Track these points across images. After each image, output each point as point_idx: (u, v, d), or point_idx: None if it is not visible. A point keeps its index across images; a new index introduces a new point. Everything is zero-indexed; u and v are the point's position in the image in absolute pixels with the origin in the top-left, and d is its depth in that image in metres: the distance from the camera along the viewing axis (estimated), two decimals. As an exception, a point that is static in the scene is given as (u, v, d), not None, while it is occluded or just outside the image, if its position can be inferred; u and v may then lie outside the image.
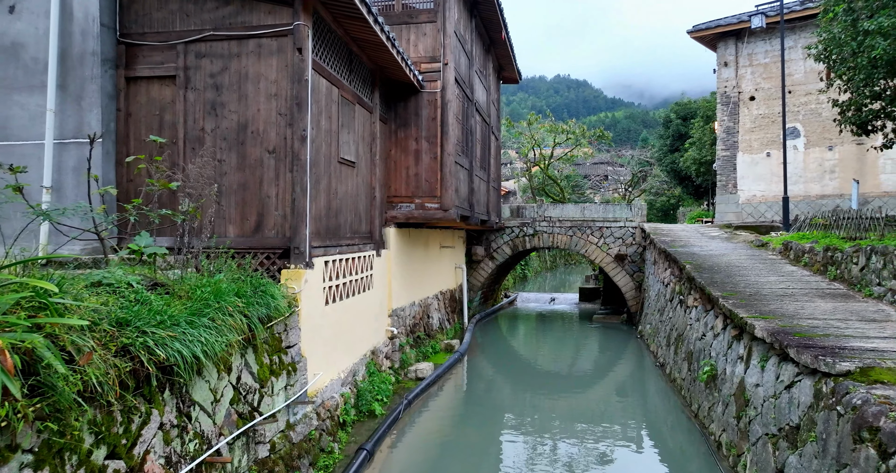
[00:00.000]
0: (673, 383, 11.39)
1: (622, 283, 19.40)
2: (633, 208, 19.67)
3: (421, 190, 12.01)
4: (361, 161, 10.36)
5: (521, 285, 34.66)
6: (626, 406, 11.38)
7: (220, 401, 5.35)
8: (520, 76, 20.80)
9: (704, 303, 10.24)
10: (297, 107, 7.55)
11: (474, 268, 20.57)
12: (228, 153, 7.73)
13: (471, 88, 14.49)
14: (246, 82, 7.73)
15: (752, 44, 19.78)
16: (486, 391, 12.32)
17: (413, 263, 13.51)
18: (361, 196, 10.38)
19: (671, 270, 13.85)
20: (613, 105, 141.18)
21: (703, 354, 9.61)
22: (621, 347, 16.81)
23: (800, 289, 9.14)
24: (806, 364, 5.67)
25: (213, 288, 5.47)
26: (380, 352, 11.08)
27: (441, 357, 13.81)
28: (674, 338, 12.24)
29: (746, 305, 8.20)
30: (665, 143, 36.88)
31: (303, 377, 7.29)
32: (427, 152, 11.96)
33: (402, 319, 12.50)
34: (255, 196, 7.68)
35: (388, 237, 11.82)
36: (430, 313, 14.81)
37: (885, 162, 17.64)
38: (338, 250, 8.88)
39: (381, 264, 11.35)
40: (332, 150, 8.85)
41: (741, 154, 20.06)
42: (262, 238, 7.64)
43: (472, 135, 14.68)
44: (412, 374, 11.83)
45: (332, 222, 8.87)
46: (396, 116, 12.12)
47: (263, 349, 6.27)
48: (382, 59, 10.26)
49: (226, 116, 7.75)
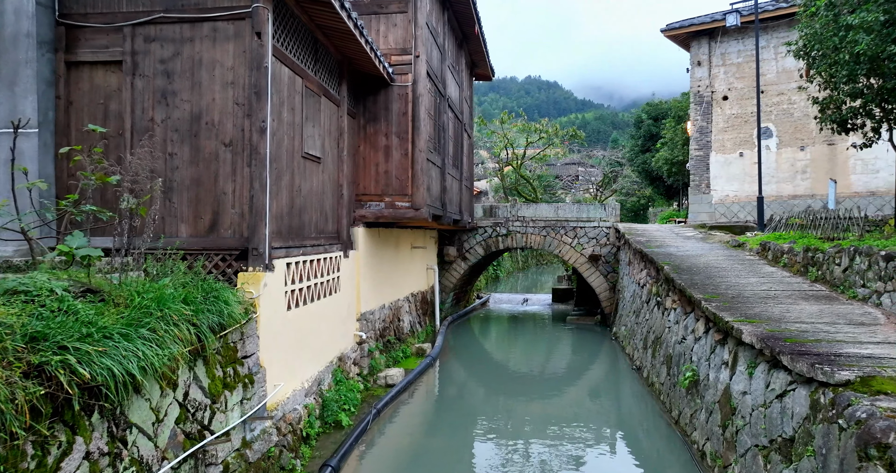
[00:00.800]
0: (651, 387, 11.08)
1: (596, 284, 19.14)
2: (608, 208, 19.43)
3: (391, 188, 11.48)
4: (328, 157, 9.80)
5: (494, 285, 34.32)
6: (602, 410, 11.04)
7: (163, 421, 4.77)
8: (493, 73, 20.41)
9: (684, 305, 9.94)
10: (255, 96, 6.97)
11: (447, 269, 20.10)
12: (181, 146, 7.11)
13: (443, 82, 14.02)
14: (200, 69, 7.12)
15: (726, 43, 19.72)
16: (459, 396, 11.86)
17: (383, 264, 12.97)
18: (328, 194, 9.82)
19: (647, 271, 13.58)
20: (583, 106, 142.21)
21: (684, 358, 9.29)
22: (596, 349, 16.53)
23: (782, 291, 8.88)
24: (801, 373, 5.33)
25: (156, 294, 4.88)
26: (347, 358, 10.52)
27: (412, 362, 13.31)
28: (651, 341, 11.94)
29: (730, 308, 7.88)
30: (637, 143, 36.97)
31: (261, 389, 6.72)
32: (398, 149, 11.44)
33: (371, 323, 11.95)
34: (210, 193, 7.08)
35: (356, 238, 11.27)
36: (400, 316, 14.29)
37: (855, 163, 17.70)
38: (301, 251, 8.31)
39: (349, 266, 10.80)
40: (296, 144, 8.28)
41: (714, 154, 19.98)
42: (217, 238, 7.04)
43: (445, 131, 14.21)
44: (382, 381, 11.30)
45: (296, 221, 8.30)
46: (365, 111, 11.58)
47: (215, 360, 5.69)
48: (350, 49, 9.72)
49: (178, 105, 7.12)
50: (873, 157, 17.17)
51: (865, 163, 17.42)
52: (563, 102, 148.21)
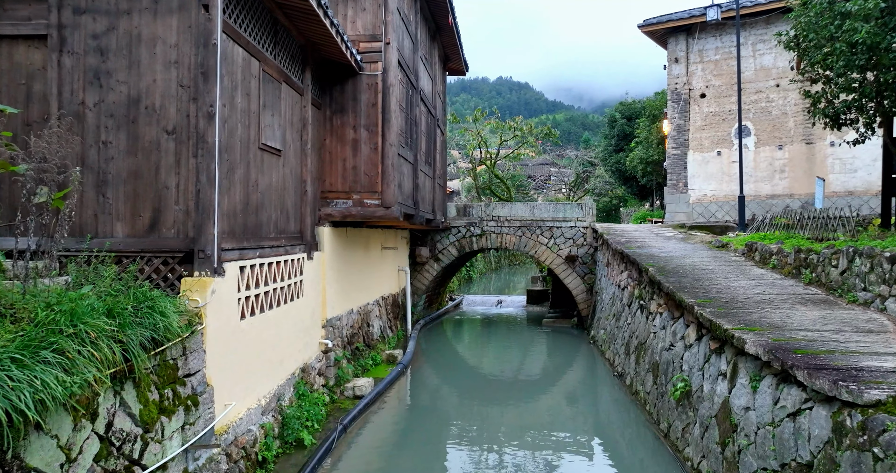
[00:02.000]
0: (635, 395, 10.49)
1: (573, 285, 18.59)
2: (584, 208, 18.90)
3: (359, 185, 10.69)
4: (290, 150, 8.97)
5: (467, 286, 33.66)
6: (583, 420, 10.42)
7: (76, 461, 3.94)
8: (466, 67, 19.73)
9: (672, 310, 9.36)
10: (202, 77, 6.13)
11: (418, 270, 19.35)
12: (116, 134, 6.23)
13: (415, 74, 13.27)
14: (139, 46, 6.25)
15: (703, 40, 19.37)
16: (431, 406, 11.12)
17: (351, 266, 12.16)
18: (290, 190, 8.99)
19: (629, 273, 13.03)
20: (554, 108, 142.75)
21: (673, 366, 8.71)
22: (573, 352, 15.98)
23: (776, 294, 8.36)
24: (820, 390, 4.73)
25: (70, 307, 4.04)
26: (312, 369, 9.70)
27: (382, 370, 12.52)
28: (634, 346, 11.37)
29: (726, 314, 7.30)
30: (610, 143, 36.70)
31: (208, 411, 5.89)
32: (366, 142, 10.65)
33: (338, 329, 11.14)
34: (151, 187, 6.22)
35: (321, 238, 10.44)
36: (370, 321, 13.49)
37: (833, 162, 17.47)
38: (258, 252, 7.48)
39: (314, 269, 9.97)
40: (252, 133, 7.44)
41: (692, 153, 19.61)
42: (158, 239, 6.18)
43: (417, 126, 13.46)
44: (349, 392, 10.50)
45: (252, 220, 7.46)
46: (332, 101, 10.76)
47: (149, 382, 4.85)
48: (314, 32, 8.91)
49: (113, 87, 6.24)
50: (851, 156, 16.95)
51: (843, 162, 17.21)
52: (534, 103, 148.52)
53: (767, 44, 18.18)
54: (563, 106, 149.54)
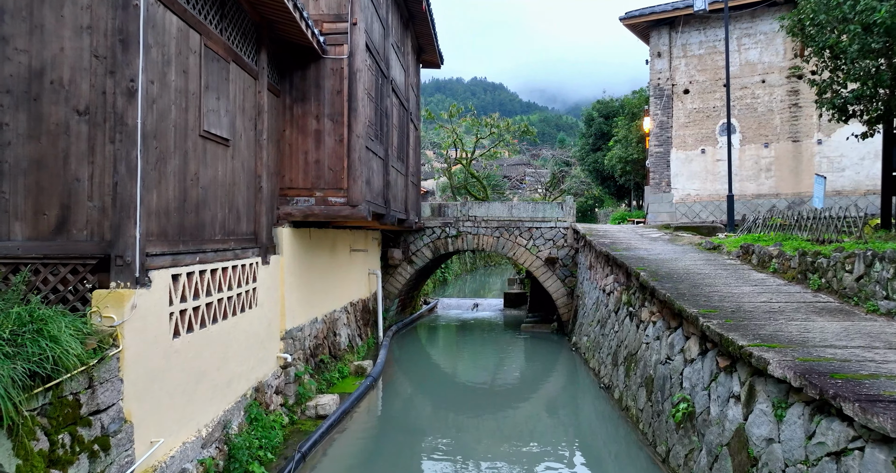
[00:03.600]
0: (625, 411, 9.62)
1: (553, 289, 17.74)
2: (565, 207, 18.06)
3: (323, 181, 9.63)
4: (241, 140, 7.88)
5: (442, 289, 32.68)
6: (567, 435, 9.52)
7: None
8: (442, 60, 18.75)
9: (667, 319, 8.50)
10: (121, 46, 5.05)
11: (391, 273, 18.30)
12: (14, 114, 5.11)
13: (386, 62, 12.24)
14: (41, 7, 5.14)
15: (687, 34, 18.69)
16: (404, 421, 10.11)
17: (315, 270, 11.09)
18: (241, 186, 7.90)
19: (615, 276, 12.18)
20: (528, 109, 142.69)
21: (671, 383, 7.84)
22: (553, 359, 15.15)
23: (785, 303, 7.54)
24: (879, 429, 3.85)
25: None
26: (268, 387, 8.62)
27: (350, 384, 11.47)
28: (623, 357, 10.51)
29: (736, 326, 6.44)
30: (587, 142, 36.05)
31: (125, 453, 4.80)
32: (331, 134, 9.60)
33: (299, 341, 10.06)
34: (58, 179, 5.11)
35: (280, 240, 9.36)
36: (336, 329, 12.42)
37: (821, 160, 16.91)
38: (198, 258, 6.39)
39: (271, 274, 8.89)
40: (191, 118, 6.36)
41: (675, 150, 18.92)
42: (66, 242, 5.08)
43: (388, 118, 12.44)
44: (312, 411, 9.44)
45: (190, 220, 6.37)
46: (292, 88, 9.68)
47: (32, 428, 3.76)
48: (269, 6, 7.84)
49: (10, 57, 5.12)
50: (839, 154, 16.40)
51: (831, 161, 16.65)
52: (508, 104, 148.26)
53: (753, 38, 17.57)
54: (537, 107, 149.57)
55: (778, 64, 17.35)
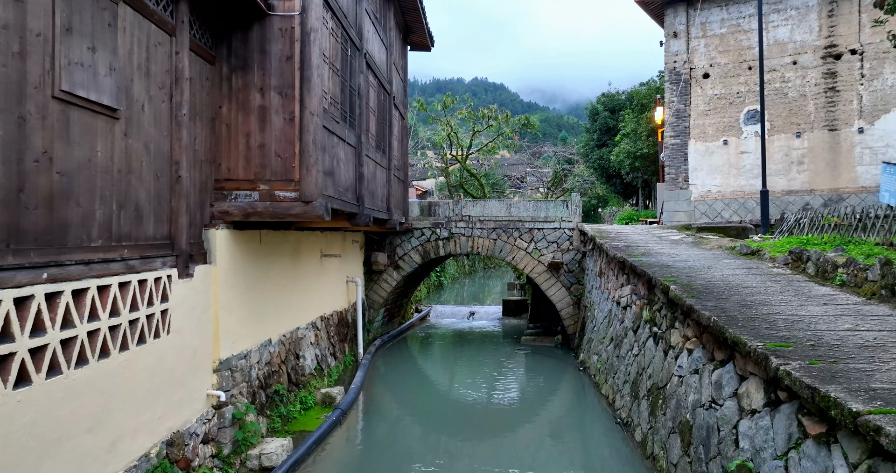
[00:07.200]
0: (652, 461, 7.62)
1: (557, 298, 15.74)
2: (570, 206, 16.07)
3: (270, 170, 7.65)
4: (143, 112, 5.89)
5: (437, 294, 30.67)
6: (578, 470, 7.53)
7: None
8: (432, 42, 16.78)
9: (710, 347, 6.51)
10: None
11: (375, 280, 16.32)
12: None
13: (358, 30, 10.26)
14: None
15: (707, 11, 16.67)
16: (381, 460, 8.13)
17: (269, 282, 9.10)
18: (144, 174, 5.91)
19: (633, 287, 10.19)
20: (529, 109, 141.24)
21: (720, 436, 5.84)
22: (557, 379, 13.22)
23: (882, 332, 5.53)
24: None
25: None
26: (191, 437, 6.62)
27: (313, 418, 9.47)
28: (646, 388, 8.51)
29: (827, 372, 4.44)
30: (592, 137, 34.07)
31: None
32: (279, 111, 7.61)
33: (242, 372, 8.06)
34: None
35: (213, 245, 7.37)
36: (300, 351, 10.42)
37: (862, 151, 14.89)
38: (46, 274, 4.40)
39: (196, 290, 6.90)
40: (34, 70, 4.37)
41: (693, 142, 16.90)
42: None
43: (362, 99, 10.44)
44: (254, 462, 7.45)
45: (38, 220, 4.38)
46: (231, 54, 7.70)
47: None
48: (181, -66, 5.86)
49: None
50: (884, 144, 14.38)
51: (874, 151, 14.63)
52: (509, 104, 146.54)
53: (782, 14, 15.57)
54: (537, 107, 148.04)
55: (812, 43, 15.36)
